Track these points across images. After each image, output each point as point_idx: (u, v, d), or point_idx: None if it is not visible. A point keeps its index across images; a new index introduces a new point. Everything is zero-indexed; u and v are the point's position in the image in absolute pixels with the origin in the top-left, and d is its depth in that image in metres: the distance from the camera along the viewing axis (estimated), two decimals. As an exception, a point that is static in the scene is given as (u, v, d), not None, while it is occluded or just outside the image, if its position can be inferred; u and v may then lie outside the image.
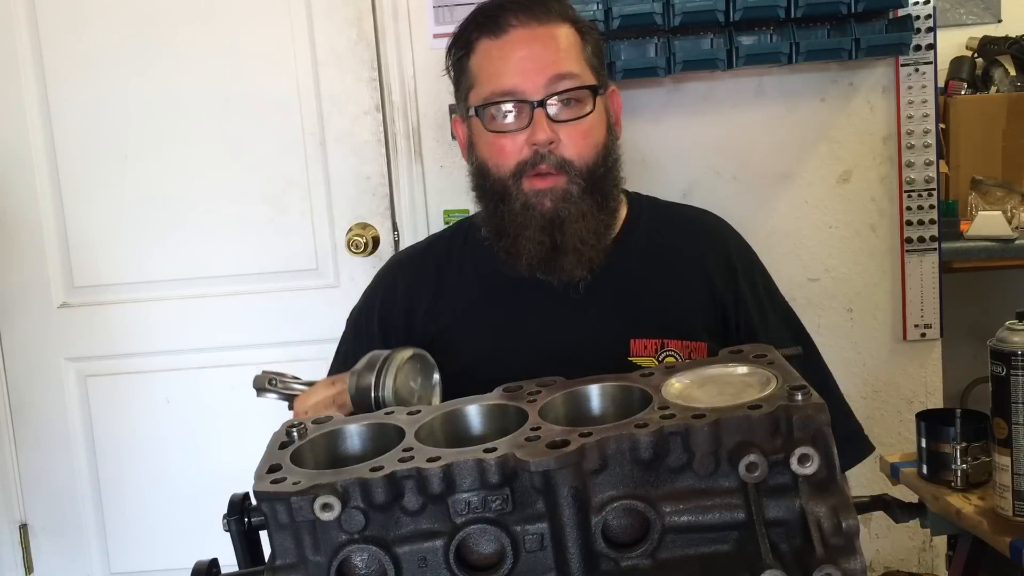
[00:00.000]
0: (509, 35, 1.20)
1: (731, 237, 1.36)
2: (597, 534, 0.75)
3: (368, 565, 0.75)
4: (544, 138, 1.18)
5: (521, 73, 1.19)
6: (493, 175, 1.24)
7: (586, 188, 1.21)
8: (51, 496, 2.34)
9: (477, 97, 1.23)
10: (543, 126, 1.18)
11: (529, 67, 1.19)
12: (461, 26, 1.27)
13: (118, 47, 2.18)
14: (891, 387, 2.21)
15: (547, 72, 1.18)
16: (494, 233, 1.26)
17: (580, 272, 1.23)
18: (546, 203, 1.21)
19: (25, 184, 2.23)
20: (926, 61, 2.11)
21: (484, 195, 1.27)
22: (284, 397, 1.17)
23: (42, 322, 2.28)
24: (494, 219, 1.25)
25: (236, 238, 2.23)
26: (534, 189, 1.21)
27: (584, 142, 1.21)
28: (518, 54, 1.19)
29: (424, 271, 1.35)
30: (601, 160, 1.23)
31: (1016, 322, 1.28)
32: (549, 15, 1.21)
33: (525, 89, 1.19)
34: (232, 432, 2.23)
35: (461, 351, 1.27)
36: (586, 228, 1.22)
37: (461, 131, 1.32)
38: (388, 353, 1.08)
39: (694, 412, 0.76)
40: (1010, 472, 1.29)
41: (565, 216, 1.21)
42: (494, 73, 1.21)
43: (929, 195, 2.15)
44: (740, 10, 1.95)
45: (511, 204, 1.22)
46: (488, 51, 1.22)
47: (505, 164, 1.22)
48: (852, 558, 0.72)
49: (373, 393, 1.04)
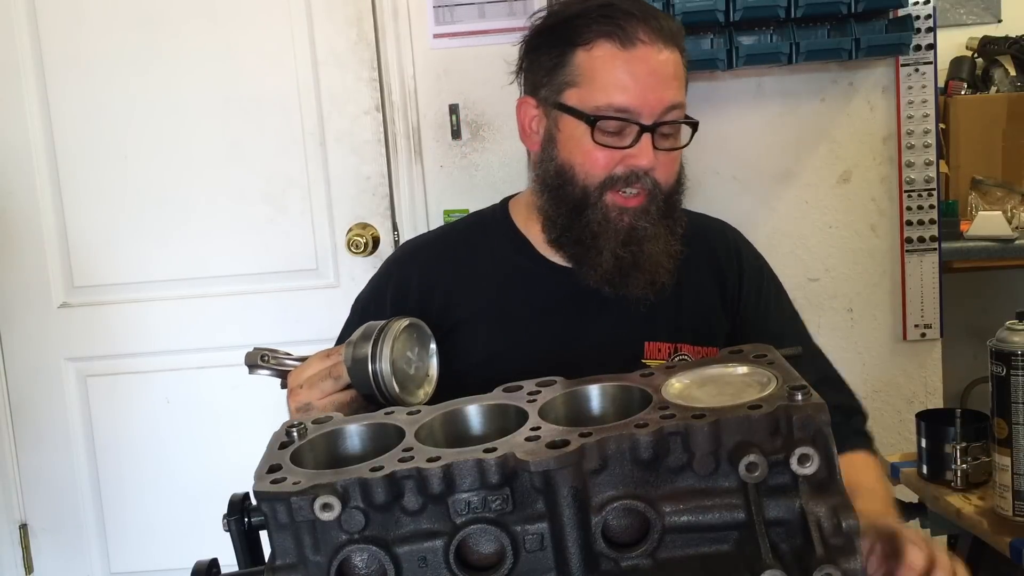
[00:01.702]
0: (637, 51, 1.16)
1: (744, 246, 1.36)
2: (597, 534, 0.75)
3: (368, 565, 0.75)
4: (647, 164, 1.17)
5: (644, 95, 1.16)
6: (578, 181, 1.20)
7: (663, 210, 1.21)
8: (51, 496, 2.34)
9: (583, 100, 1.18)
10: (648, 152, 1.16)
11: (650, 90, 1.16)
12: (570, 11, 1.21)
13: (118, 47, 2.18)
14: (891, 387, 2.21)
15: (665, 100, 1.17)
16: (568, 240, 1.24)
17: (649, 291, 1.22)
18: (625, 219, 1.20)
19: (25, 184, 2.23)
20: (926, 61, 2.11)
21: (560, 197, 1.23)
22: (277, 373, 1.15)
23: (42, 322, 2.28)
24: (570, 225, 1.22)
25: (236, 238, 2.23)
26: (618, 206, 1.19)
27: (673, 170, 1.21)
28: (642, 74, 1.16)
29: (442, 261, 1.33)
30: (677, 187, 1.24)
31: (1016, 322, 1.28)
32: (672, 39, 1.19)
33: (642, 112, 1.16)
34: (232, 432, 2.23)
35: (476, 346, 1.26)
36: (661, 249, 1.21)
37: (531, 115, 1.26)
38: (384, 323, 1.06)
39: (694, 412, 0.76)
40: (1010, 472, 1.29)
41: (643, 234, 1.20)
42: (614, 85, 1.16)
43: (929, 195, 2.15)
44: (740, 10, 1.95)
45: (591, 214, 1.20)
46: (612, 59, 1.17)
47: (595, 175, 1.19)
48: (852, 558, 0.72)
49: (370, 364, 1.02)
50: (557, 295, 1.26)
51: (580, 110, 1.18)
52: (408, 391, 1.06)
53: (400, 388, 1.04)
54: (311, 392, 1.10)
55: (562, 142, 1.21)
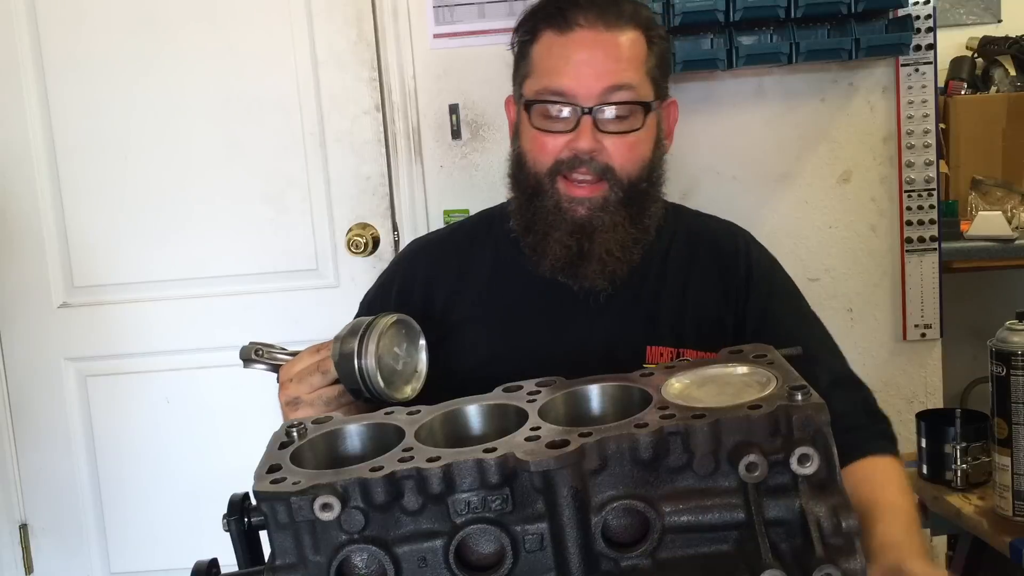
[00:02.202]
0: (574, 34, 1.17)
1: (754, 250, 1.34)
2: (597, 534, 0.75)
3: (368, 565, 0.75)
4: (586, 147, 1.17)
5: (577, 76, 1.16)
6: (529, 168, 1.22)
7: (624, 199, 1.20)
8: (51, 496, 2.33)
9: (530, 89, 1.21)
10: (587, 134, 1.17)
11: (587, 72, 1.16)
12: (531, 8, 1.24)
13: (118, 47, 2.18)
14: (891, 387, 2.21)
15: (604, 81, 1.16)
16: (522, 227, 1.25)
17: (602, 282, 1.22)
18: (580, 210, 1.19)
19: (25, 184, 2.23)
20: (926, 61, 2.11)
21: (517, 185, 1.26)
22: (271, 368, 1.16)
23: (42, 322, 2.28)
24: (526, 213, 1.24)
25: (236, 238, 2.23)
26: (570, 195, 1.19)
27: (628, 154, 1.19)
28: (578, 56, 1.17)
29: (445, 260, 1.33)
30: (645, 175, 1.21)
31: (1016, 322, 1.28)
32: (619, 19, 1.18)
33: (578, 93, 1.16)
34: (232, 432, 2.23)
35: (478, 346, 1.26)
36: (615, 240, 1.20)
37: (512, 113, 1.30)
38: (371, 319, 1.07)
39: (694, 412, 0.76)
40: (1010, 472, 1.29)
41: (598, 225, 1.19)
42: (551, 70, 1.18)
43: (929, 195, 2.15)
44: (740, 10, 1.95)
45: (544, 201, 1.21)
46: (550, 45, 1.19)
47: (543, 160, 1.20)
48: (852, 558, 0.72)
49: (356, 360, 1.03)
50: (559, 296, 1.26)
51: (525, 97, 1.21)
52: (395, 387, 1.06)
53: (386, 384, 1.04)
54: (300, 387, 1.10)
55: (521, 134, 1.24)
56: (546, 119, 1.19)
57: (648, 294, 1.26)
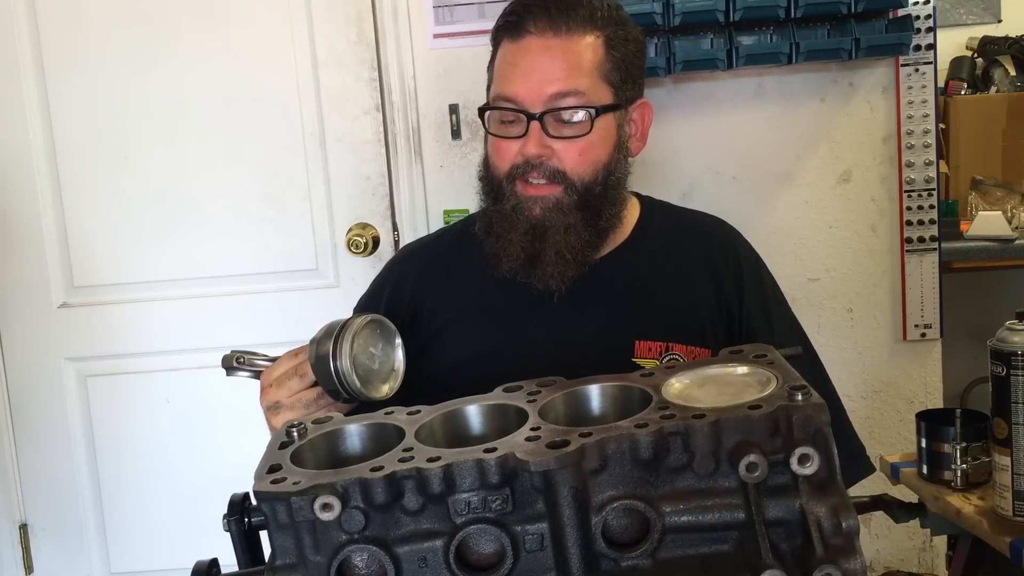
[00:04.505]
0: (524, 41, 1.19)
1: (741, 245, 1.35)
2: (597, 534, 0.75)
3: (368, 565, 0.75)
4: (534, 152, 1.18)
5: (525, 84, 1.18)
6: (492, 172, 1.25)
7: (578, 203, 1.21)
8: (51, 496, 2.34)
9: (490, 96, 1.24)
10: (535, 140, 1.18)
11: (533, 79, 1.18)
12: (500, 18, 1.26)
13: (118, 47, 2.18)
14: (891, 387, 2.21)
15: (549, 88, 1.17)
16: (484, 230, 1.27)
17: (555, 283, 1.23)
18: (535, 210, 1.21)
19: (25, 184, 2.23)
20: (926, 61, 2.11)
21: (483, 189, 1.28)
22: (253, 374, 1.18)
23: (42, 322, 2.28)
24: (486, 216, 1.26)
25: (236, 238, 2.23)
26: (526, 195, 1.21)
27: (579, 158, 1.20)
28: (526, 63, 1.18)
29: (433, 264, 1.35)
30: (600, 178, 1.22)
31: (1016, 322, 1.28)
32: (571, 24, 1.18)
33: (525, 100, 1.18)
34: (232, 432, 2.23)
35: (466, 346, 1.27)
36: (567, 242, 1.21)
37: None
38: (346, 320, 1.08)
39: (694, 412, 0.76)
40: (1010, 472, 1.29)
41: (549, 226, 1.21)
42: (503, 76, 1.21)
43: (929, 195, 2.15)
44: (740, 10, 1.95)
45: (504, 204, 1.23)
46: (504, 53, 1.22)
47: (501, 165, 1.22)
48: (852, 558, 0.71)
49: (332, 361, 1.04)
50: (546, 293, 1.26)
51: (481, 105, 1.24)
52: (372, 386, 1.07)
53: (363, 383, 1.05)
54: (279, 391, 1.12)
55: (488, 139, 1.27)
56: (501, 124, 1.22)
57: (635, 289, 1.27)
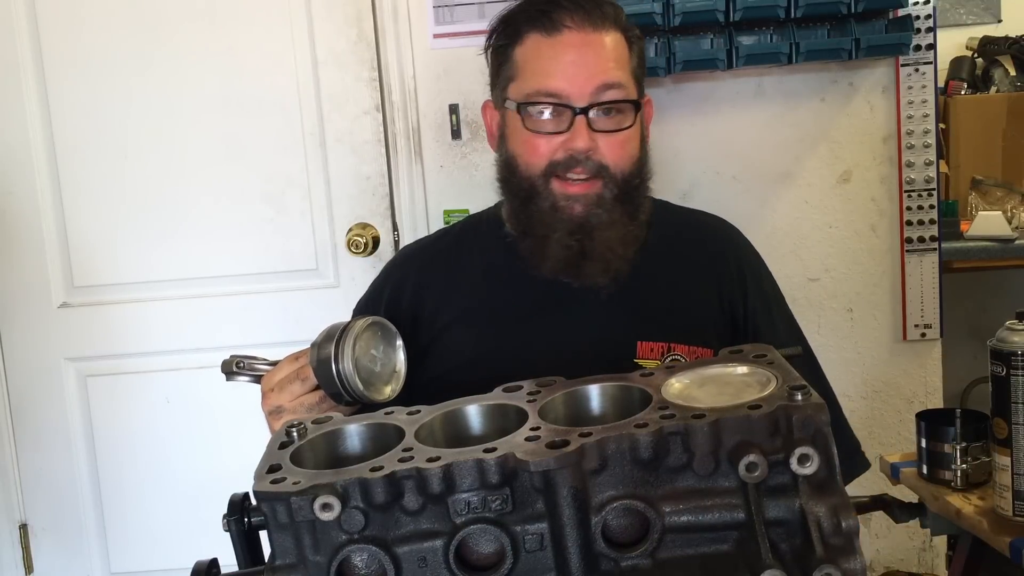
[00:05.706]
0: (562, 35, 1.18)
1: (743, 244, 1.36)
2: (597, 534, 0.75)
3: (368, 565, 0.75)
4: (583, 146, 1.18)
5: (569, 77, 1.17)
6: (522, 172, 1.23)
7: (619, 196, 1.21)
8: (51, 496, 2.34)
9: (519, 91, 1.21)
10: (583, 133, 1.18)
11: (578, 72, 1.17)
12: (509, 11, 1.25)
13: (118, 47, 2.18)
14: (891, 387, 2.21)
15: (595, 80, 1.17)
16: (520, 231, 1.25)
17: (604, 279, 1.22)
18: (577, 207, 1.20)
19: (25, 184, 2.23)
20: (926, 61, 2.11)
21: (510, 190, 1.26)
22: (253, 379, 1.17)
23: (42, 322, 2.28)
24: (521, 217, 1.24)
25: (236, 238, 2.23)
26: (565, 193, 1.20)
27: (621, 152, 1.20)
28: (568, 57, 1.18)
29: (433, 265, 1.34)
30: (636, 171, 1.23)
31: (1016, 322, 1.27)
32: (604, 20, 1.19)
33: (571, 94, 1.17)
34: (232, 432, 2.23)
35: (467, 346, 1.26)
36: (615, 236, 1.21)
37: (491, 118, 1.30)
38: (347, 323, 1.08)
39: (694, 412, 0.76)
40: (1010, 472, 1.29)
41: (596, 222, 1.20)
42: (541, 72, 1.19)
43: (929, 195, 2.15)
44: (740, 10, 1.95)
45: (540, 203, 1.21)
46: (538, 47, 1.20)
47: (537, 163, 1.21)
48: (852, 558, 0.71)
49: (334, 364, 1.03)
50: (548, 294, 1.26)
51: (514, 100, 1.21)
52: (374, 388, 1.07)
53: (365, 385, 1.05)
54: (281, 395, 1.11)
55: (508, 136, 1.25)
56: (539, 121, 1.20)
57: (637, 289, 1.27)
